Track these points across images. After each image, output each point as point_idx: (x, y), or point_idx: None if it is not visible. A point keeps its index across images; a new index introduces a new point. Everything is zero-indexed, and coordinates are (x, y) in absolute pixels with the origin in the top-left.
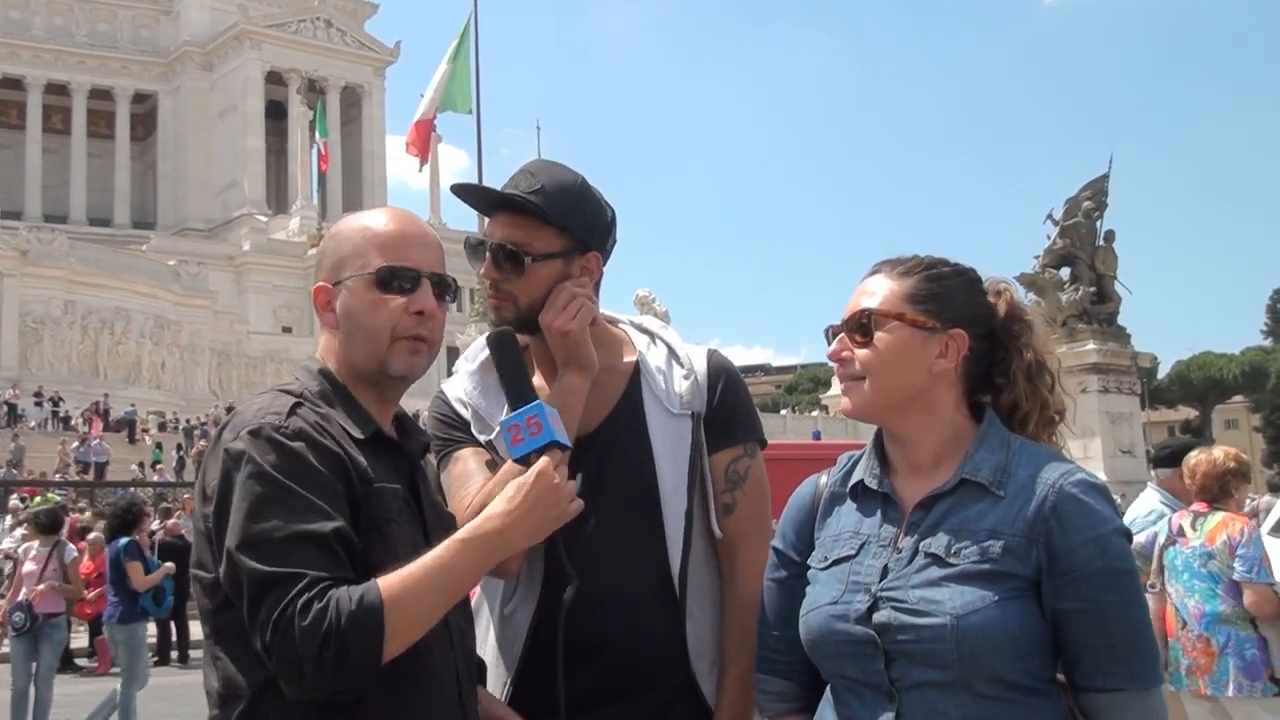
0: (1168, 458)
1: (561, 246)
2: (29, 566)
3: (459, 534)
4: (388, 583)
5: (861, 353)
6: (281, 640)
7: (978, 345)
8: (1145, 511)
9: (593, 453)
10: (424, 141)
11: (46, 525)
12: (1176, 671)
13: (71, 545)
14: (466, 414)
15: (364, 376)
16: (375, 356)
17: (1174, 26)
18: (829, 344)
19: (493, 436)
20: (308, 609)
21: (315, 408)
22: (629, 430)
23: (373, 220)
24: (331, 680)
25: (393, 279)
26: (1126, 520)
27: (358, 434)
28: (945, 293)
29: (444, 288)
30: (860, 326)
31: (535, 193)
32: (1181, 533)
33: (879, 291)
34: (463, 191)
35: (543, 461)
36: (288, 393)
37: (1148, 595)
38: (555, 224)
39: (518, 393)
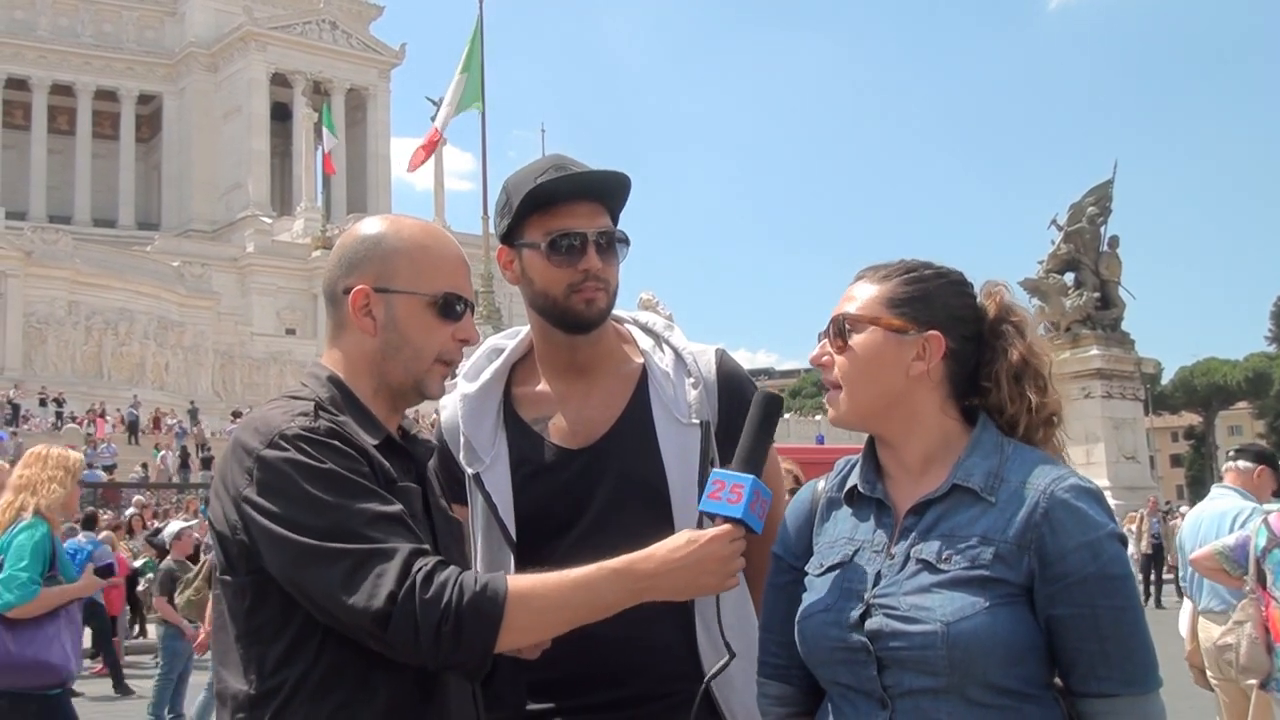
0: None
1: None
2: None
3: (611, 562)
4: (517, 580)
5: (839, 359)
6: (401, 609)
7: (963, 347)
8: (1235, 511)
9: (601, 461)
10: (428, 151)
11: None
12: None
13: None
14: (459, 442)
15: (393, 388)
16: (414, 374)
17: (1178, 32)
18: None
19: (483, 469)
20: (429, 580)
21: (330, 414)
22: (637, 438)
23: (428, 237)
24: (446, 655)
25: (451, 306)
26: (1204, 526)
27: (370, 440)
28: (923, 295)
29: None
30: (839, 332)
31: (619, 177)
32: None
33: (859, 297)
34: (560, 181)
35: (724, 528)
36: (301, 400)
37: (1247, 600)
38: (614, 209)
39: (747, 457)
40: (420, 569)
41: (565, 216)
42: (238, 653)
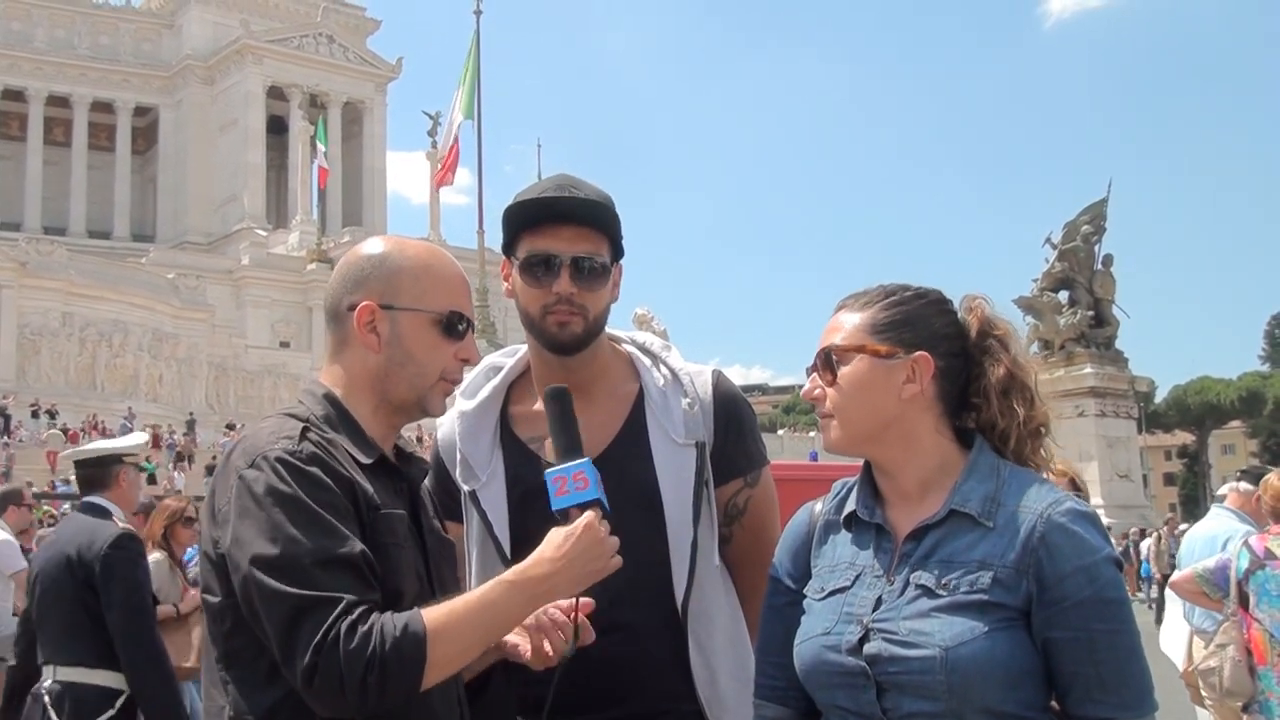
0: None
1: (612, 256)
2: None
3: (506, 575)
4: (432, 615)
5: (831, 391)
6: (325, 662)
7: (950, 365)
8: (1227, 534)
9: None
10: (449, 169)
11: None
12: (1268, 701)
13: None
14: (456, 460)
15: (395, 405)
16: (418, 391)
17: (1174, 51)
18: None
19: (479, 487)
20: (352, 632)
21: (322, 433)
22: (633, 459)
23: (432, 256)
24: (373, 704)
25: (454, 325)
26: (1197, 548)
27: (363, 459)
28: (905, 318)
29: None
30: (827, 364)
31: (598, 203)
32: (1271, 555)
33: (843, 327)
34: (533, 204)
35: (588, 515)
36: (294, 417)
37: (1229, 623)
38: (609, 234)
39: (568, 446)
40: (347, 620)
41: (547, 238)
42: (219, 674)
